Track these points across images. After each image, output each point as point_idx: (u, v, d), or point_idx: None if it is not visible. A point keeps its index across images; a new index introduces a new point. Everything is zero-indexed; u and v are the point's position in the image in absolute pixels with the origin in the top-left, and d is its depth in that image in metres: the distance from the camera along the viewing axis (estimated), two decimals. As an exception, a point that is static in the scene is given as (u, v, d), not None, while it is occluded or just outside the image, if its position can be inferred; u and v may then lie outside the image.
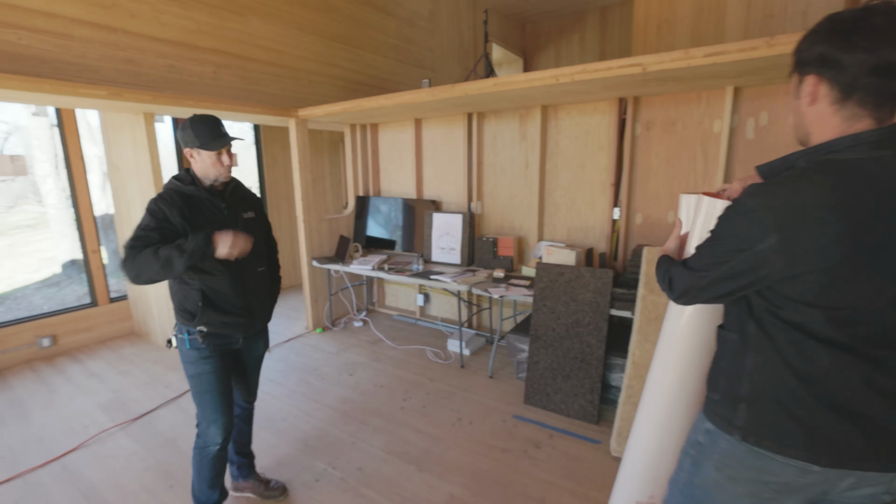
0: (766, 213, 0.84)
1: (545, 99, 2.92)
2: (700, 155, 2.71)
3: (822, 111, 0.87)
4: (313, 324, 3.93)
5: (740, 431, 0.93)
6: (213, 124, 1.64)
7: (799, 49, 0.90)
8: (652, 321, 2.25)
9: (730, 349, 0.99)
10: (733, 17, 2.95)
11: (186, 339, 1.65)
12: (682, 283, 1.02)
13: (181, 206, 1.59)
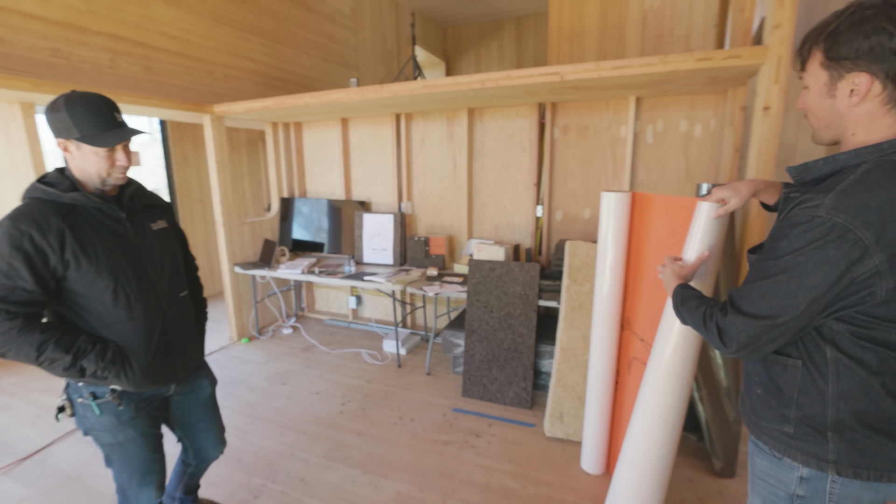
0: (861, 229, 0.74)
1: (471, 102, 3.04)
2: (610, 157, 3.00)
3: (873, 111, 0.81)
4: (237, 334, 3.70)
5: (836, 466, 0.86)
6: (102, 108, 1.19)
7: (838, 45, 0.80)
8: (576, 309, 2.46)
9: (795, 377, 0.89)
10: (632, 34, 3.31)
11: (94, 406, 1.24)
12: (742, 334, 0.86)
13: (59, 225, 1.14)
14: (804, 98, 0.93)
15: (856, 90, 0.80)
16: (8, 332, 1.09)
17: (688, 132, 2.80)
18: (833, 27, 0.81)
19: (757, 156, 2.17)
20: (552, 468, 2.19)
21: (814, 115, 0.90)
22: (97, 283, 1.20)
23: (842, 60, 0.80)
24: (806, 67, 0.88)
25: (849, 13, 0.79)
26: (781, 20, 2.01)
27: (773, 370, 0.93)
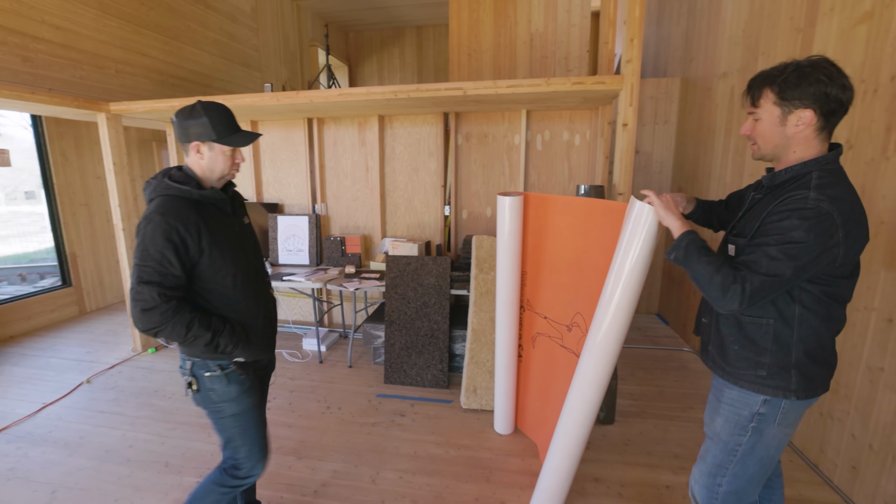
0: (837, 216, 1.06)
1: (383, 110, 3.28)
2: (506, 162, 3.44)
3: (809, 136, 1.15)
4: (142, 344, 3.52)
5: (795, 393, 1.20)
6: (230, 115, 1.39)
7: (787, 89, 1.12)
8: (483, 295, 2.82)
9: (769, 332, 1.21)
10: (521, 54, 3.80)
11: (223, 376, 1.39)
12: (757, 290, 1.11)
13: (195, 218, 1.30)
14: (751, 126, 1.24)
15: (801, 121, 1.13)
16: (165, 313, 1.25)
17: (569, 141, 3.34)
18: (783, 77, 1.13)
19: (620, 162, 2.71)
20: (470, 434, 2.52)
21: (763, 139, 1.22)
22: (221, 269, 1.37)
23: (793, 100, 1.13)
24: (759, 104, 1.20)
25: (793, 69, 1.13)
26: (632, 57, 2.55)
27: (748, 329, 1.24)
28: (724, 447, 1.33)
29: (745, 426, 1.27)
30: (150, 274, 1.25)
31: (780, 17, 2.61)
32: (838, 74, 1.10)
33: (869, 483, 1.93)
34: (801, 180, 1.14)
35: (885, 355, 1.88)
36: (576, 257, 2.06)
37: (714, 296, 1.17)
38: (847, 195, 1.11)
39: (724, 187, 3.16)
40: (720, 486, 1.35)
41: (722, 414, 1.33)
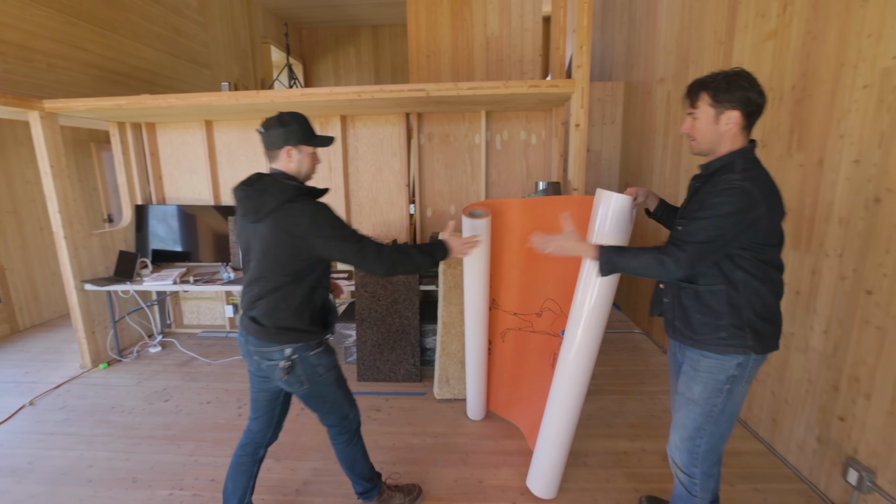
0: (757, 192, 1.29)
1: (345, 110, 3.32)
2: (468, 161, 3.59)
3: (735, 132, 1.38)
4: (92, 360, 3.34)
5: (753, 349, 1.40)
6: (309, 121, 1.60)
7: (719, 94, 1.36)
8: (452, 289, 2.94)
9: (722, 297, 1.41)
10: (478, 56, 3.96)
11: (324, 350, 1.65)
12: (692, 256, 1.34)
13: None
14: (691, 125, 1.46)
15: (730, 120, 1.37)
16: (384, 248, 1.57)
17: (526, 141, 3.54)
18: (716, 83, 1.37)
19: (574, 160, 2.93)
20: (444, 422, 2.65)
21: (701, 135, 1.44)
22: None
23: (724, 103, 1.36)
24: (696, 105, 1.42)
25: (723, 77, 1.37)
26: (582, 62, 2.77)
27: (704, 297, 1.44)
28: (702, 410, 1.49)
29: (721, 388, 1.45)
30: (358, 233, 1.54)
31: (705, 31, 2.93)
32: (756, 83, 1.36)
33: (785, 431, 2.27)
34: (729, 167, 1.38)
35: (794, 322, 2.21)
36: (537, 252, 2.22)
37: (657, 274, 1.40)
38: (765, 176, 1.36)
39: (664, 182, 3.49)
40: (699, 447, 1.53)
41: (700, 381, 1.49)
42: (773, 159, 2.34)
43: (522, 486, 2.14)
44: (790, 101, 2.22)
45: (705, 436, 1.52)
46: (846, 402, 1.94)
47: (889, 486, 1.76)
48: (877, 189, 1.79)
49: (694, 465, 1.55)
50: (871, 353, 1.82)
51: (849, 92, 1.91)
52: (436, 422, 2.65)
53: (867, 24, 1.83)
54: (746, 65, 2.53)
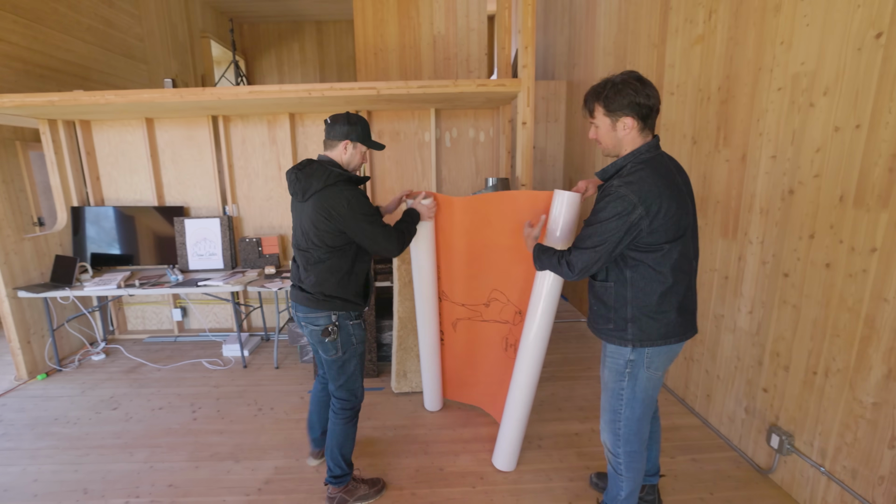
0: (633, 196, 1.33)
1: (294, 108, 3.24)
2: (418, 158, 3.60)
3: (634, 135, 1.43)
4: (28, 371, 3.10)
5: (632, 342, 1.47)
6: (368, 126, 1.81)
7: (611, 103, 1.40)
8: (407, 284, 2.95)
9: (611, 292, 1.49)
10: (426, 55, 3.96)
11: (360, 323, 1.85)
12: (581, 261, 1.43)
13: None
14: (595, 133, 1.51)
15: (626, 126, 1.42)
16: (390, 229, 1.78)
17: (475, 138, 3.59)
18: (605, 94, 1.41)
19: (521, 156, 3.01)
20: (403, 415, 2.67)
21: (605, 141, 1.50)
22: None
23: (616, 111, 1.42)
24: (594, 116, 1.48)
25: (610, 86, 1.41)
26: (527, 62, 2.84)
27: (598, 292, 1.54)
28: (611, 394, 1.60)
29: (622, 372, 1.55)
30: (382, 219, 1.76)
31: (640, 34, 3.08)
32: (642, 87, 1.39)
33: (718, 405, 2.46)
34: (620, 171, 1.44)
35: (724, 305, 2.39)
36: (483, 245, 2.28)
37: (560, 274, 1.53)
38: (648, 178, 1.37)
39: (606, 176, 3.64)
40: (620, 430, 1.61)
41: (607, 366, 1.60)
42: (702, 155, 2.50)
43: (481, 470, 2.20)
44: (716, 101, 2.37)
45: (622, 419, 1.60)
46: (769, 375, 2.12)
47: (805, 447, 1.95)
48: (791, 182, 1.96)
49: (618, 445, 1.64)
50: (789, 330, 2.00)
51: (766, 94, 2.06)
52: (395, 415, 2.67)
53: (780, 33, 1.98)
54: (677, 67, 2.68)
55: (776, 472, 2.09)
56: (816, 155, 1.84)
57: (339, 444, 1.93)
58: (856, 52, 1.68)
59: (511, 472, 2.19)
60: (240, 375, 3.15)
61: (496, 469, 2.22)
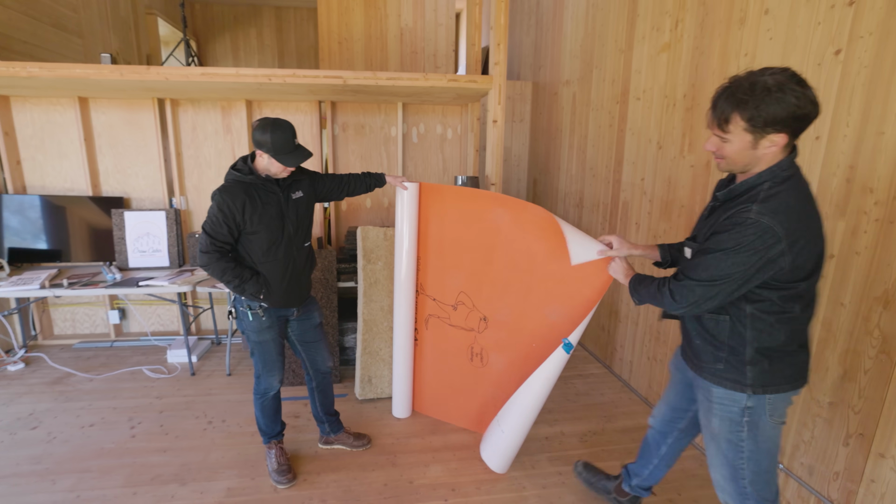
0: (778, 228, 1.05)
1: (252, 94, 2.94)
2: (385, 153, 3.40)
3: (777, 153, 1.11)
4: (-74, 385, 2.61)
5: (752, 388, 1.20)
6: (291, 135, 1.72)
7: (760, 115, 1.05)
8: (373, 285, 2.76)
9: (725, 327, 1.22)
10: (392, 47, 3.76)
11: (249, 314, 1.84)
12: (691, 295, 1.16)
13: (243, 198, 1.70)
14: (719, 145, 1.17)
15: (773, 144, 1.09)
16: (211, 257, 1.70)
17: (442, 135, 3.44)
18: (753, 102, 1.04)
19: (492, 155, 2.90)
20: (369, 423, 2.48)
21: (732, 160, 1.16)
22: (258, 235, 1.77)
23: (765, 127, 1.07)
24: (728, 130, 1.11)
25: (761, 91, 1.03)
26: (499, 59, 2.73)
27: (707, 324, 1.26)
28: (727, 446, 1.30)
29: (739, 421, 1.25)
30: (209, 228, 1.71)
31: (608, 39, 3.05)
32: (804, 92, 1.04)
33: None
34: (753, 192, 1.13)
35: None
36: (455, 239, 2.21)
37: (661, 305, 1.27)
38: (794, 203, 1.09)
39: (571, 178, 3.61)
40: (746, 488, 1.32)
41: (715, 413, 1.31)
42: (667, 160, 2.49)
43: (453, 481, 2.07)
44: (682, 108, 2.37)
45: (747, 475, 1.30)
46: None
47: None
48: None
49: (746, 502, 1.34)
50: (747, 331, 2.01)
51: None
52: (360, 423, 2.48)
53: (744, 45, 1.99)
54: (644, 73, 2.66)
55: (736, 469, 2.10)
56: None
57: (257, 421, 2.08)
58: (816, 67, 1.70)
59: (484, 482, 2.08)
60: (187, 384, 2.83)
61: (469, 479, 2.09)
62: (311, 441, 2.32)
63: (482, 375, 2.32)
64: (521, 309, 2.11)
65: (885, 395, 1.51)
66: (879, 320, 1.53)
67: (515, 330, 2.16)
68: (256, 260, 1.81)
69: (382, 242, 2.79)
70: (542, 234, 1.98)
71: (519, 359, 2.16)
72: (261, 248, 1.79)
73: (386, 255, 2.76)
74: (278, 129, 1.67)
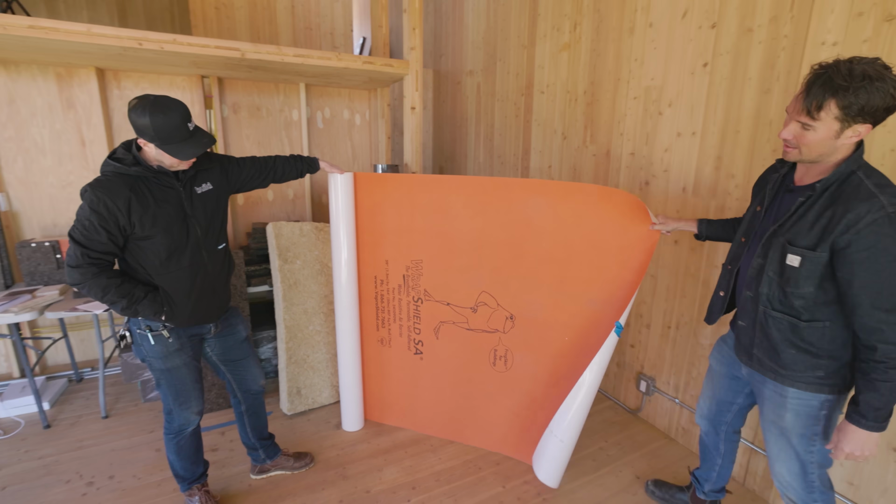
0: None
1: (107, 62, 2.24)
2: (286, 138, 2.97)
3: (855, 142, 1.06)
4: None
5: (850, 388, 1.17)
6: (180, 118, 1.31)
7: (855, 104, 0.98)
8: (293, 286, 2.42)
9: (827, 334, 1.14)
10: (283, 20, 3.27)
11: (150, 337, 1.47)
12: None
13: (127, 195, 1.32)
14: (798, 133, 1.09)
15: (857, 134, 1.03)
16: (86, 273, 1.31)
17: (350, 120, 3.14)
18: (853, 91, 0.98)
19: (410, 142, 2.75)
20: (307, 439, 2.19)
21: (810, 148, 1.08)
22: (153, 241, 1.40)
23: (855, 117, 1.00)
24: (818, 117, 1.03)
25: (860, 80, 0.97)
26: (415, 44, 2.58)
27: (805, 333, 1.16)
28: (801, 440, 1.25)
29: (817, 416, 1.21)
30: (79, 236, 1.30)
31: (510, 34, 3.13)
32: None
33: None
34: (848, 182, 1.07)
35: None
36: (473, 236, 1.96)
37: None
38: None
39: (479, 165, 3.66)
40: (815, 482, 1.28)
41: (790, 409, 1.24)
42: (572, 149, 2.68)
43: (412, 479, 1.96)
44: (583, 102, 2.56)
45: (816, 469, 1.26)
46: (635, 332, 2.43)
47: (664, 386, 2.30)
48: (646, 175, 2.25)
49: (812, 495, 1.30)
50: (649, 295, 2.31)
51: (624, 101, 2.31)
52: (295, 441, 2.17)
53: (634, 51, 2.23)
54: (547, 69, 2.81)
55: (644, 411, 2.43)
56: (665, 154, 2.14)
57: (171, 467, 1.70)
58: (690, 75, 1.99)
59: (442, 472, 2.01)
60: (41, 442, 2.09)
61: (427, 474, 2.00)
62: (240, 474, 1.95)
63: (505, 381, 2.08)
64: (554, 301, 1.92)
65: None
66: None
67: (546, 326, 1.96)
68: (153, 272, 1.43)
69: (299, 238, 2.45)
70: (579, 220, 1.81)
71: (548, 357, 1.97)
72: (157, 256, 1.41)
73: (305, 253, 2.43)
74: (161, 111, 1.27)
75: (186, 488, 1.70)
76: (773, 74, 1.70)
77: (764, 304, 1.22)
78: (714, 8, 1.86)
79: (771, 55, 1.70)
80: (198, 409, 1.62)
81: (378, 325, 2.22)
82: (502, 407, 2.10)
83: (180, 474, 1.69)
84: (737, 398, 1.51)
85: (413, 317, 2.14)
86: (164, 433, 1.63)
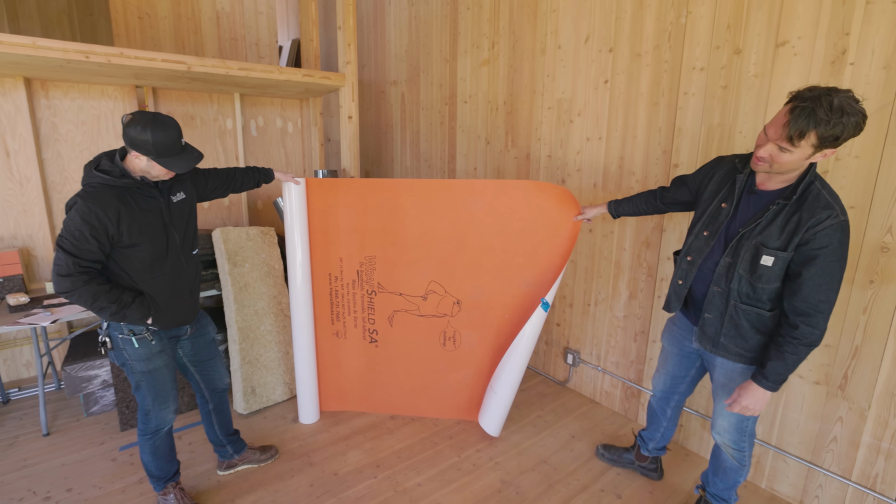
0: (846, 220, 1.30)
1: (39, 72, 2.41)
2: (220, 147, 3.24)
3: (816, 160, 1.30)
4: None
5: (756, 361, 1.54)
6: (177, 134, 1.56)
7: (829, 135, 1.19)
8: (243, 289, 2.69)
9: (777, 319, 1.44)
10: (208, 31, 3.52)
11: (134, 340, 1.66)
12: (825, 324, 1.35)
13: (116, 205, 1.52)
14: (775, 154, 1.30)
15: (824, 156, 1.27)
16: (76, 281, 1.48)
17: (283, 128, 3.48)
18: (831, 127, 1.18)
19: (348, 149, 3.17)
20: (267, 435, 2.46)
21: (782, 165, 1.32)
22: (138, 248, 1.59)
23: (828, 145, 1.23)
24: (799, 144, 1.24)
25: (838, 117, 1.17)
26: (350, 59, 3.03)
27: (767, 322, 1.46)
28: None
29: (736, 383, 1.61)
30: (69, 246, 1.47)
31: (433, 49, 3.68)
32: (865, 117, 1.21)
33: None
34: (809, 191, 1.34)
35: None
36: (423, 232, 2.35)
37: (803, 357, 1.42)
38: None
39: (405, 169, 4.13)
40: (747, 428, 1.65)
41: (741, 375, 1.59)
42: (495, 153, 3.26)
43: (375, 459, 2.29)
44: (504, 112, 3.16)
45: (750, 418, 1.63)
46: (560, 312, 3.02)
47: (587, 357, 2.89)
48: (562, 174, 2.84)
49: (743, 440, 1.67)
50: (570, 278, 2.92)
51: (540, 111, 2.90)
52: (254, 439, 2.44)
53: (546, 68, 2.83)
54: (469, 81, 3.38)
55: (571, 381, 3.01)
56: (577, 156, 2.75)
57: (146, 467, 1.90)
58: (594, 90, 2.61)
59: (402, 451, 2.36)
60: (-22, 464, 2.17)
61: (388, 453, 2.35)
62: (206, 472, 2.20)
63: (455, 358, 2.52)
64: (495, 286, 2.36)
65: (653, 303, 2.53)
66: (646, 256, 2.53)
67: (488, 307, 2.40)
68: (137, 277, 1.62)
69: (246, 243, 2.75)
70: (513, 214, 2.25)
71: (491, 333, 2.44)
72: (142, 263, 1.61)
73: (252, 256, 2.74)
74: (162, 128, 1.49)
75: (161, 487, 1.90)
76: (658, 91, 2.26)
77: (734, 298, 1.49)
78: (610, 35, 2.42)
79: (656, 75, 2.25)
80: (174, 409, 1.83)
81: (333, 319, 2.58)
82: (453, 380, 2.56)
83: (155, 474, 1.88)
84: (689, 371, 1.86)
85: (367, 308, 2.52)
86: (138, 435, 1.82)
